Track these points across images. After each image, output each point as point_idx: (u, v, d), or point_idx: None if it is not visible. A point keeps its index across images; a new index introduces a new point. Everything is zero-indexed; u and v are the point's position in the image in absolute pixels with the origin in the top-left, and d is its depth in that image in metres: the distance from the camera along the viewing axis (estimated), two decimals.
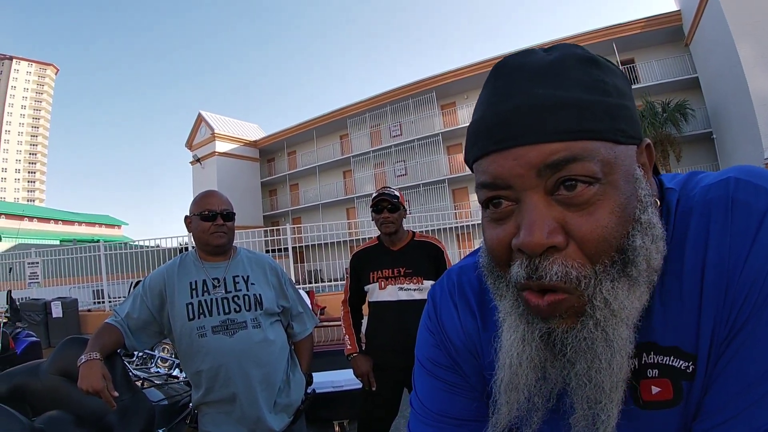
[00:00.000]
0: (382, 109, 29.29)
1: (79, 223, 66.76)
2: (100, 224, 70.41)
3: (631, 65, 22.07)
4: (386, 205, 2.69)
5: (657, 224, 0.53)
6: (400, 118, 28.77)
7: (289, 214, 33.21)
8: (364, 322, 2.90)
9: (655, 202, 0.55)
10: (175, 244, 11.51)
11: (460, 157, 24.81)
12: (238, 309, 2.00)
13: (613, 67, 0.56)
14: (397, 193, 2.75)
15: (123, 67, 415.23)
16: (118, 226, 74.09)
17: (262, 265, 2.18)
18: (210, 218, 2.03)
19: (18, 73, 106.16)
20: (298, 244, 12.25)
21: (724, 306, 0.51)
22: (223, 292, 2.02)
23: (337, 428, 3.93)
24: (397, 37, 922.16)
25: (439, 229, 12.22)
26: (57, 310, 9.33)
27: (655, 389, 0.56)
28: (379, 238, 2.86)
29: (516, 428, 0.61)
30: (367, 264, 2.79)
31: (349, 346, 2.77)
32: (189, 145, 36.34)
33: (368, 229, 13.07)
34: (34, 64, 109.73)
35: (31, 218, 60.07)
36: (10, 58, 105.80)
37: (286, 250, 10.87)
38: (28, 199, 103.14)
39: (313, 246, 12.28)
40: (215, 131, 33.75)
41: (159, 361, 4.41)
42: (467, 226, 12.67)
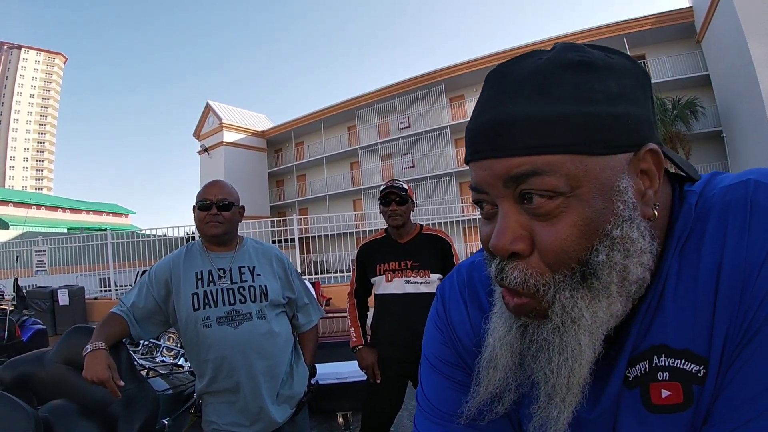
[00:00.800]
0: (390, 100, 29.26)
1: (87, 212, 67.26)
2: (108, 213, 70.80)
3: (642, 61, 21.77)
4: (394, 198, 2.67)
5: (638, 239, 0.52)
6: (409, 110, 28.71)
7: (296, 205, 33.31)
8: (370, 314, 2.89)
9: (653, 212, 0.54)
10: (182, 234, 11.62)
11: None
12: (243, 300, 1.99)
13: (617, 68, 0.53)
14: (406, 186, 2.74)
15: (132, 57, 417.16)
16: (126, 215, 74.56)
17: (269, 256, 2.16)
18: (205, 208, 2.01)
19: (27, 62, 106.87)
20: (304, 235, 12.31)
21: (738, 310, 0.50)
22: (229, 282, 2.00)
23: (340, 420, 3.93)
24: (407, 28, 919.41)
25: (446, 222, 12.22)
26: (64, 298, 9.41)
27: (665, 392, 0.55)
28: (386, 230, 2.84)
29: (489, 403, 0.65)
30: (374, 256, 2.78)
31: (354, 339, 2.76)
32: (197, 134, 36.41)
33: (375, 221, 13.04)
34: (42, 53, 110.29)
35: (39, 206, 60.58)
36: (19, 47, 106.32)
37: (293, 240, 10.91)
38: (36, 188, 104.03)
39: (320, 237, 12.29)
40: (223, 121, 33.82)
41: (164, 350, 4.44)
42: (474, 220, 12.55)
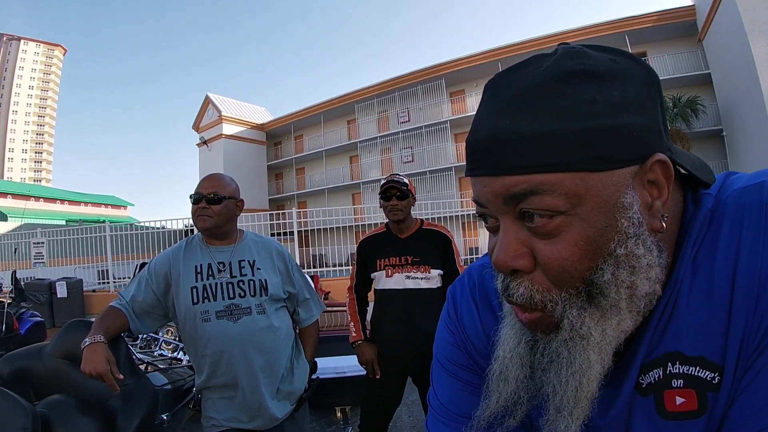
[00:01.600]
0: (390, 94, 29.17)
1: (85, 204, 67.12)
2: (106, 205, 70.78)
3: (643, 59, 21.70)
4: (395, 193, 2.65)
5: (644, 255, 0.50)
6: (409, 104, 28.62)
7: (295, 198, 33.22)
8: (370, 309, 2.88)
9: (661, 225, 0.52)
10: (180, 226, 11.58)
11: None
12: (242, 294, 1.97)
13: (621, 74, 0.50)
14: (407, 181, 2.71)
15: (132, 50, 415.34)
16: (124, 207, 74.56)
17: (269, 250, 2.14)
18: (197, 201, 2.00)
19: (26, 53, 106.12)
20: (303, 228, 12.26)
21: (754, 316, 0.48)
22: (228, 276, 1.99)
23: (339, 414, 3.93)
24: (408, 23, 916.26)
25: (445, 217, 12.19)
26: (62, 291, 9.40)
27: (679, 400, 0.54)
28: (386, 225, 2.82)
29: (501, 416, 0.64)
30: (374, 251, 2.76)
31: (354, 334, 2.75)
32: (196, 127, 36.27)
33: (374, 215, 13.06)
34: (42, 45, 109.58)
35: (37, 198, 60.47)
36: (18, 39, 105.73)
37: (291, 233, 10.89)
38: (35, 179, 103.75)
39: (318, 230, 12.24)
40: (222, 114, 33.69)
41: (163, 343, 4.43)
42: (473, 215, 12.50)
